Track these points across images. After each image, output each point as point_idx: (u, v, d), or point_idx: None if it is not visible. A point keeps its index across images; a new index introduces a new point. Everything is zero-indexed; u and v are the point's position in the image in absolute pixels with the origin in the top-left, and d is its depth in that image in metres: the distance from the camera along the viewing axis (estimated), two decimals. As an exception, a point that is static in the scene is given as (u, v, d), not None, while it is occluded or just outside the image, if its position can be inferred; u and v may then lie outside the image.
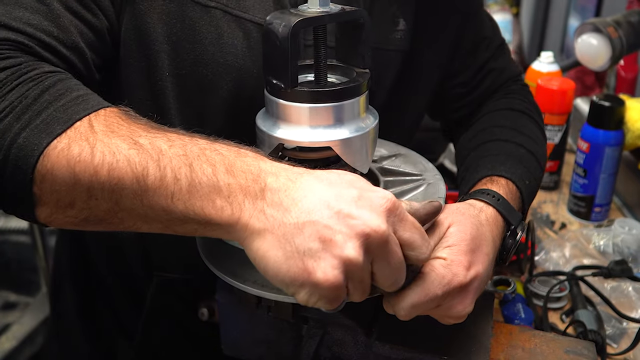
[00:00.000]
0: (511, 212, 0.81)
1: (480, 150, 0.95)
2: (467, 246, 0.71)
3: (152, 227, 0.64)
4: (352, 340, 0.78)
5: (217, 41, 0.84)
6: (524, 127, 1.00)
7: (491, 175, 0.86)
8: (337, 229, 0.57)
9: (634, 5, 1.59)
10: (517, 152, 0.93)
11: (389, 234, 0.59)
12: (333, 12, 0.71)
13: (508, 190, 0.84)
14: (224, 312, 0.85)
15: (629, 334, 1.03)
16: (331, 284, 0.58)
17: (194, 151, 0.62)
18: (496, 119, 1.03)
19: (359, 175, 0.63)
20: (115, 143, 0.62)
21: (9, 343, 2.20)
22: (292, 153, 0.77)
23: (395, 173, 0.82)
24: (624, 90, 1.67)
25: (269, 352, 0.85)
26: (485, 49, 1.09)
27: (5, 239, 2.51)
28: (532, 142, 0.97)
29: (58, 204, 0.63)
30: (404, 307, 0.68)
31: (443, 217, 0.73)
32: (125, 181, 0.60)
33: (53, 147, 0.62)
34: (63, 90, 0.67)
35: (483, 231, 0.75)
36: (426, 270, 0.68)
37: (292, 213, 0.58)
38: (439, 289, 0.68)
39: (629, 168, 1.44)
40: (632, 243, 1.23)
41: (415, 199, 0.76)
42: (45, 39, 0.72)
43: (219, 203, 0.60)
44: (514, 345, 0.80)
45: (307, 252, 0.57)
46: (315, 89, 0.71)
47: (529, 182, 0.89)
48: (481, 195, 0.81)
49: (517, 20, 2.68)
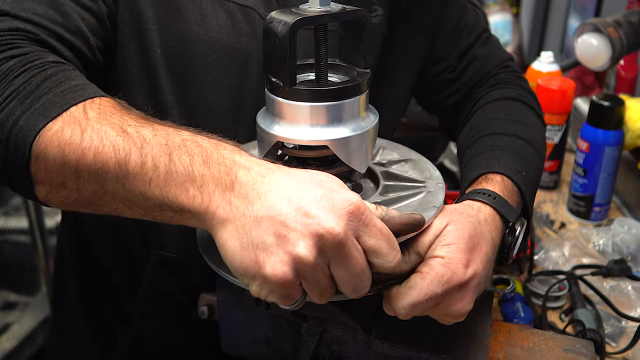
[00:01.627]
0: (508, 209, 0.80)
1: (475, 147, 0.95)
2: (466, 244, 0.71)
3: (134, 212, 0.67)
4: (351, 338, 0.78)
5: (201, 21, 0.90)
6: (519, 115, 1.00)
7: (486, 173, 0.86)
8: (293, 226, 0.59)
9: (634, 5, 1.59)
10: (512, 144, 0.92)
11: (346, 237, 0.59)
12: (333, 12, 0.71)
13: (504, 186, 0.84)
14: (223, 311, 0.85)
15: (627, 333, 1.03)
16: (279, 279, 0.59)
17: (175, 141, 0.65)
18: (489, 112, 1.03)
19: (334, 177, 0.64)
20: (105, 129, 0.66)
21: (9, 343, 2.20)
22: (291, 151, 0.77)
23: (398, 178, 0.82)
24: (624, 90, 1.67)
25: (269, 350, 0.85)
26: (467, 34, 1.10)
27: (5, 239, 2.51)
28: (528, 129, 0.97)
29: (52, 183, 0.68)
30: (404, 307, 0.68)
31: (441, 216, 0.73)
32: (109, 165, 0.64)
33: (48, 128, 0.66)
34: (64, 78, 0.71)
35: (482, 230, 0.75)
36: (424, 270, 0.69)
37: (254, 206, 0.60)
38: (438, 287, 0.68)
39: (629, 168, 1.44)
40: (632, 242, 1.23)
41: (410, 205, 0.76)
42: (51, 26, 0.78)
43: (192, 192, 0.62)
44: (513, 344, 0.80)
45: (261, 246, 0.59)
46: (313, 88, 0.72)
47: (527, 172, 0.88)
48: (477, 195, 0.81)
49: (517, 20, 2.68)
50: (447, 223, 0.72)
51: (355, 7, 0.74)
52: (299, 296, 0.62)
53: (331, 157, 0.77)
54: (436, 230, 0.72)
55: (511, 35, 2.40)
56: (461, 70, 1.10)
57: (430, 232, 0.71)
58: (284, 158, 0.81)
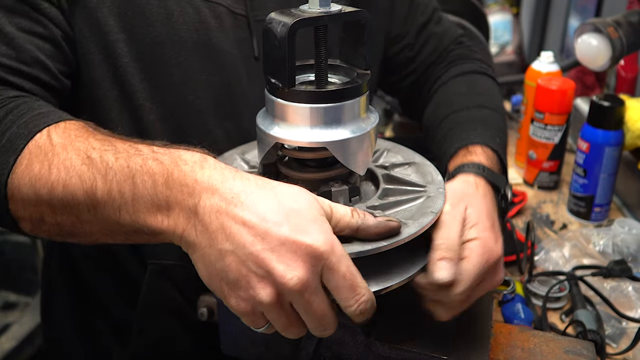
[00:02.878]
0: (497, 178, 0.84)
1: (446, 123, 0.98)
2: (488, 221, 0.75)
3: (116, 239, 0.68)
4: (351, 340, 0.78)
5: (168, 20, 0.89)
6: (480, 87, 1.05)
7: (467, 146, 0.89)
8: (254, 270, 0.60)
9: (634, 5, 1.59)
10: (481, 115, 0.97)
11: (304, 286, 0.60)
12: (333, 13, 0.71)
13: (486, 156, 0.87)
14: (223, 312, 0.85)
15: (628, 334, 1.03)
16: (242, 313, 0.62)
17: (137, 163, 0.64)
18: (452, 88, 1.07)
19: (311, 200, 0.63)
20: (70, 158, 0.66)
21: (9, 343, 2.20)
22: (291, 152, 0.77)
23: (399, 182, 0.81)
24: (624, 90, 1.67)
25: (268, 352, 0.85)
26: (421, 13, 1.14)
27: (5, 239, 2.51)
28: (490, 98, 1.02)
29: (32, 219, 0.69)
30: (461, 292, 0.70)
31: (454, 201, 0.76)
32: (79, 196, 0.65)
33: (19, 164, 0.67)
34: (26, 109, 0.72)
35: (488, 204, 0.79)
36: (466, 254, 0.72)
37: (218, 240, 0.60)
38: (484, 266, 0.72)
39: (629, 168, 1.44)
40: (632, 243, 1.23)
41: (409, 210, 0.75)
42: (6, 62, 0.78)
43: (159, 216, 0.63)
44: (513, 345, 0.80)
45: (225, 279, 0.61)
46: (312, 90, 0.71)
47: (500, 138, 0.93)
48: (469, 169, 0.83)
49: (517, 20, 2.68)
50: (465, 207, 0.75)
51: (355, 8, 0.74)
52: (264, 324, 0.63)
53: (330, 159, 0.76)
54: (459, 213, 0.74)
55: (511, 35, 2.40)
56: (419, 48, 1.13)
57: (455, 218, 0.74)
58: (283, 159, 0.81)
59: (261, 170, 0.80)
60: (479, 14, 1.78)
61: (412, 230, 0.71)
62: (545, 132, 1.45)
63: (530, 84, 1.54)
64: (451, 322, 0.79)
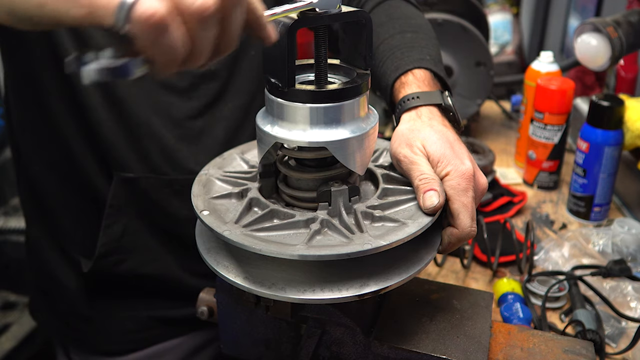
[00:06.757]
0: (432, 96, 0.88)
1: (377, 57, 1.00)
2: (447, 149, 0.79)
3: None
4: (351, 339, 0.78)
5: None
6: (397, 11, 1.08)
7: (399, 77, 0.92)
8: None
9: (634, 5, 1.59)
10: (404, 40, 0.99)
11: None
12: (333, 13, 0.71)
13: (418, 80, 0.91)
14: (223, 312, 0.85)
15: (627, 334, 1.03)
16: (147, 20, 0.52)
17: None
18: (373, 19, 1.09)
19: None
20: None
21: (9, 343, 2.20)
22: (290, 152, 0.77)
23: (398, 182, 0.82)
24: (624, 90, 1.67)
25: (268, 351, 0.85)
26: None
27: (5, 239, 2.51)
28: (410, 19, 1.05)
29: None
30: (471, 221, 0.76)
31: (412, 141, 0.80)
32: None
33: None
34: None
35: (438, 127, 0.83)
36: (450, 193, 0.76)
37: None
38: (469, 192, 0.77)
39: (629, 168, 1.44)
40: (631, 243, 1.23)
41: (409, 210, 0.76)
42: None
43: None
44: (512, 345, 0.80)
45: None
46: (312, 89, 0.72)
47: (430, 56, 0.96)
48: (405, 104, 0.87)
49: (517, 20, 2.68)
50: (422, 145, 0.79)
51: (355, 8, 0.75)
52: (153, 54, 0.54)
53: (330, 159, 0.77)
54: (425, 155, 0.79)
55: (511, 35, 2.40)
56: None
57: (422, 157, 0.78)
58: (283, 159, 0.81)
59: (261, 170, 0.80)
60: (479, 14, 1.78)
61: (412, 230, 0.71)
62: (544, 132, 1.45)
63: (530, 83, 1.54)
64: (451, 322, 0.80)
